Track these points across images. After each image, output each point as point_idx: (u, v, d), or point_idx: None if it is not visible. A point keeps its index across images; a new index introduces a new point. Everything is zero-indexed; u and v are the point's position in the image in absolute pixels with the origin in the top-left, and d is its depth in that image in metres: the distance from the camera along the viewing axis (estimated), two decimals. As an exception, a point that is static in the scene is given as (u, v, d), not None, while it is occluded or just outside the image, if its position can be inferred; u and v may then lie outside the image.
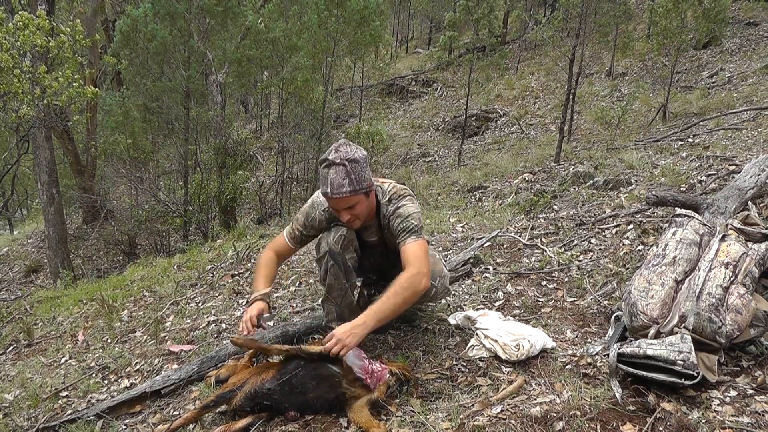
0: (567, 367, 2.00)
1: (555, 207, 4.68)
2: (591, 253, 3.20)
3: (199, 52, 8.85)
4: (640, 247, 3.07)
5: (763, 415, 1.61)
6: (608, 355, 1.89)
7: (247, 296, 3.36)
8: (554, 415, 1.68)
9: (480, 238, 3.78)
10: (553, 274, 3.00)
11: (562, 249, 3.35)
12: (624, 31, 12.05)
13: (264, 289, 2.19)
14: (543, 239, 3.63)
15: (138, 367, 2.64)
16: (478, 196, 6.92)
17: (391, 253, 2.25)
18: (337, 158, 1.98)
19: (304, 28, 10.46)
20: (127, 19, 9.04)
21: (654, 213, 3.54)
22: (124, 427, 2.10)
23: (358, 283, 2.42)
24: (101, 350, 2.96)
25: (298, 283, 3.41)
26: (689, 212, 2.45)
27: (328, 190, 1.98)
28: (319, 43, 10.68)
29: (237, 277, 3.76)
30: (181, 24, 8.43)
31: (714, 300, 1.88)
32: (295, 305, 3.10)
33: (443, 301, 2.82)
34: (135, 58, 9.69)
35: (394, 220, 2.12)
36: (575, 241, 3.44)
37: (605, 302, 2.54)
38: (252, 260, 4.05)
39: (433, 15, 23.06)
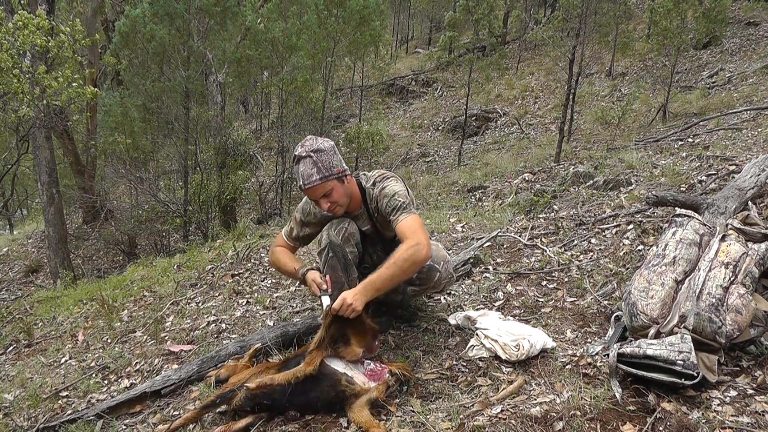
0: (567, 367, 2.00)
1: (555, 207, 4.68)
2: (591, 253, 3.20)
3: (199, 52, 8.85)
4: (640, 247, 3.07)
5: (763, 415, 1.61)
6: (608, 355, 1.89)
7: (247, 296, 3.36)
8: (554, 415, 1.68)
9: (480, 238, 3.78)
10: (553, 274, 3.00)
11: (562, 249, 3.35)
12: (624, 31, 12.04)
13: (302, 264, 2.24)
14: (543, 239, 3.63)
15: (138, 367, 2.64)
16: (478, 196, 6.93)
17: (388, 244, 2.27)
18: (303, 152, 2.07)
19: (303, 28, 10.46)
20: (126, 19, 9.03)
21: (654, 213, 3.54)
22: (124, 427, 2.10)
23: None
24: (101, 350, 2.96)
25: (297, 282, 3.41)
26: (689, 212, 2.45)
27: (301, 182, 2.07)
28: (319, 43, 10.67)
29: (237, 277, 3.76)
30: (180, 24, 8.42)
31: (714, 300, 1.88)
32: (295, 305, 3.10)
33: (443, 300, 2.82)
34: (134, 58, 9.69)
35: (382, 201, 2.16)
36: (575, 241, 3.44)
37: (605, 302, 2.54)
38: (252, 260, 4.05)
39: (433, 15, 23.06)
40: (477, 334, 2.23)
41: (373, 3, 10.44)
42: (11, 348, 3.47)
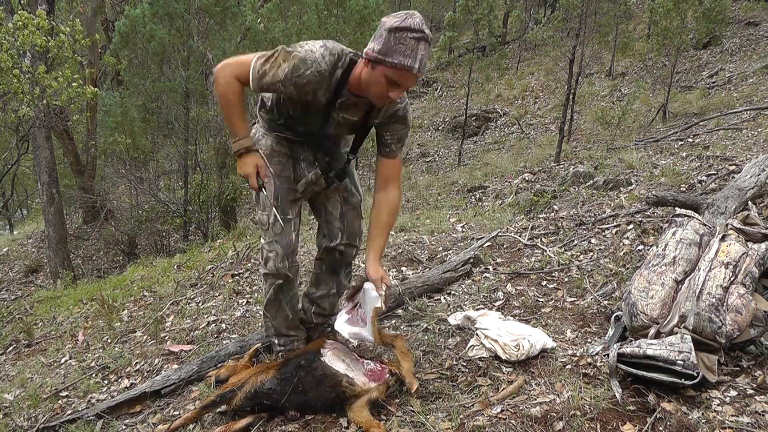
0: (567, 367, 2.00)
1: (555, 207, 4.68)
2: (591, 253, 3.20)
3: (199, 52, 8.85)
4: (640, 247, 3.07)
5: (763, 415, 1.61)
6: (608, 355, 1.89)
7: (247, 296, 3.35)
8: (554, 415, 1.68)
9: (480, 238, 3.77)
10: (553, 274, 3.00)
11: (562, 249, 3.35)
12: (624, 31, 12.04)
13: (249, 135, 1.98)
14: (543, 239, 3.63)
15: (138, 367, 2.64)
16: (478, 196, 6.93)
17: (336, 143, 2.16)
18: (429, 35, 1.71)
19: (303, 28, 10.45)
20: (126, 19, 9.03)
21: (654, 213, 3.54)
22: (124, 427, 2.10)
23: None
24: (101, 350, 2.96)
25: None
26: (689, 212, 2.45)
27: (416, 66, 1.70)
28: (319, 43, 10.65)
29: (237, 277, 3.75)
30: (179, 24, 8.42)
31: (714, 300, 1.88)
32: (295, 305, 3.09)
33: (443, 300, 2.82)
34: (134, 58, 9.68)
35: (397, 124, 1.99)
36: (575, 241, 3.43)
37: (605, 302, 2.54)
38: (252, 260, 4.05)
39: (433, 15, 23.05)
40: (477, 334, 2.23)
41: (373, 3, 10.43)
42: (11, 348, 3.47)
